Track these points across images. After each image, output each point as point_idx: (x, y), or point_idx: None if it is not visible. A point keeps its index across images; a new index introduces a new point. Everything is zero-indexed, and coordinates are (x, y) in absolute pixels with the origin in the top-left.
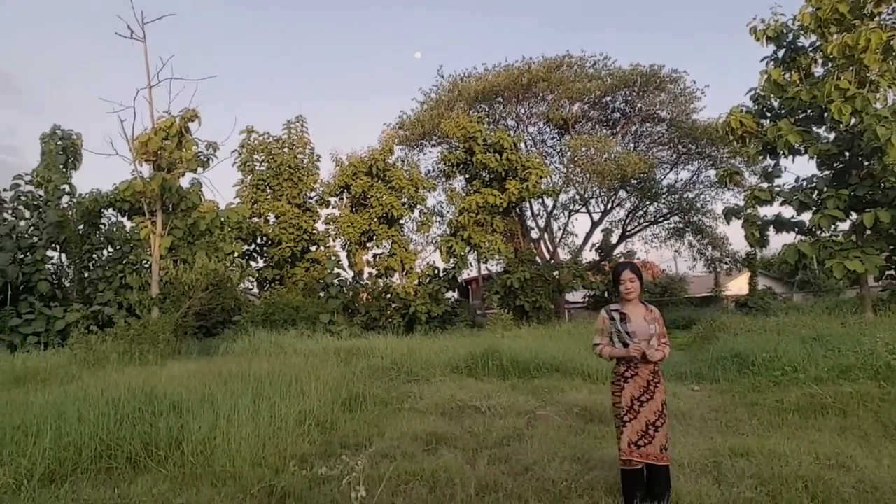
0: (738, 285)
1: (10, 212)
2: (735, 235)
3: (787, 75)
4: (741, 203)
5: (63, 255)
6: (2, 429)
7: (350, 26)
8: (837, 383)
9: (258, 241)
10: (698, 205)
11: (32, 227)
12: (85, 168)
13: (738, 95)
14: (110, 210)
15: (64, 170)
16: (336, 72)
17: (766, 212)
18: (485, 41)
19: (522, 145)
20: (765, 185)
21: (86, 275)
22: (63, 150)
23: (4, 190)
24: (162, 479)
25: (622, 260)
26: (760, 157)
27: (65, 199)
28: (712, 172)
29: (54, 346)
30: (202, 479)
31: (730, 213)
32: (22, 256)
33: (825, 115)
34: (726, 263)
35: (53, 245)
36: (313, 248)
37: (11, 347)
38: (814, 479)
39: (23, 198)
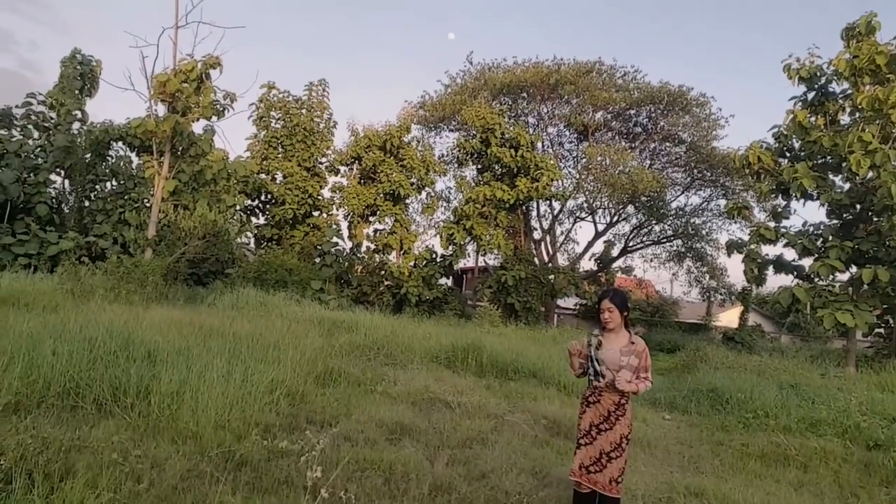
0: (728, 317)
1: (19, 129)
2: (734, 268)
3: (813, 118)
4: (745, 238)
5: (66, 182)
6: None
7: None
8: (805, 436)
9: (262, 198)
10: (703, 232)
11: (39, 149)
12: (99, 97)
13: (760, 130)
14: (119, 143)
15: (79, 95)
16: (367, 41)
17: (769, 251)
18: (519, 34)
19: (539, 144)
20: (772, 224)
21: (86, 204)
22: (80, 76)
23: (16, 107)
24: (124, 427)
25: (608, 287)
26: (772, 196)
27: (76, 125)
28: (722, 202)
29: (43, 271)
30: (164, 433)
31: (732, 246)
32: (26, 176)
33: (843, 164)
34: (721, 294)
35: (58, 169)
36: (315, 214)
37: (1, 265)
38: None
39: (33, 117)
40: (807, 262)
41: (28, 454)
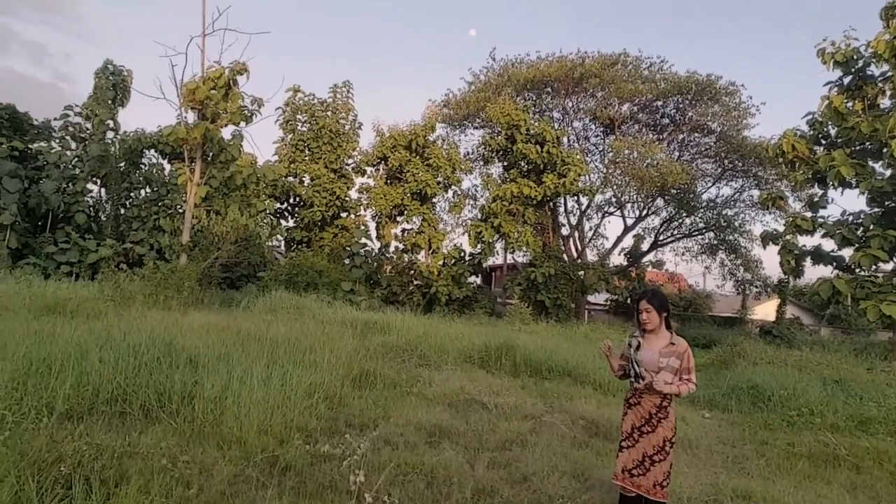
0: (764, 310)
1: (57, 141)
2: (769, 260)
3: (850, 104)
4: (781, 228)
5: (102, 190)
6: (29, 359)
7: None
8: (854, 435)
9: (291, 200)
10: (736, 224)
11: (76, 159)
12: (131, 106)
13: (794, 118)
14: (152, 151)
15: (112, 105)
16: (389, 42)
17: (806, 241)
18: (542, 28)
19: (565, 139)
20: (808, 214)
21: (122, 212)
22: (113, 87)
23: (54, 119)
24: (171, 433)
25: (646, 287)
26: (808, 185)
27: (109, 134)
28: (755, 193)
29: (84, 279)
30: (209, 438)
31: (767, 238)
32: (64, 186)
33: (884, 150)
34: (756, 287)
35: (94, 178)
36: (343, 215)
37: (45, 274)
38: None
39: (70, 129)
40: (847, 253)
41: (84, 461)
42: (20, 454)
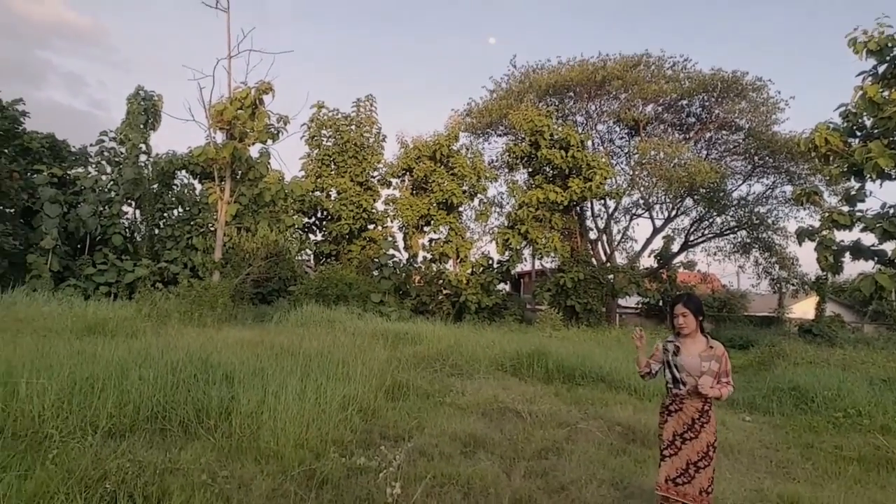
0: (802, 308)
1: (94, 166)
2: (806, 257)
3: (886, 93)
4: (816, 224)
5: (137, 212)
6: (73, 379)
7: (427, 6)
8: None
9: (318, 215)
10: (769, 221)
11: (112, 182)
12: (162, 129)
13: (825, 111)
14: (183, 172)
15: (143, 129)
16: (409, 52)
17: (844, 237)
18: (561, 33)
19: (589, 143)
20: (845, 208)
21: (156, 232)
22: (144, 111)
23: (90, 145)
24: (210, 448)
25: (681, 291)
26: (844, 179)
27: (142, 157)
28: (788, 188)
29: (122, 298)
30: (247, 453)
31: (803, 234)
32: (101, 209)
33: None
34: (793, 285)
35: (129, 200)
36: (371, 227)
37: (85, 294)
38: None
39: (106, 153)
40: (889, 247)
41: (128, 477)
42: (68, 472)
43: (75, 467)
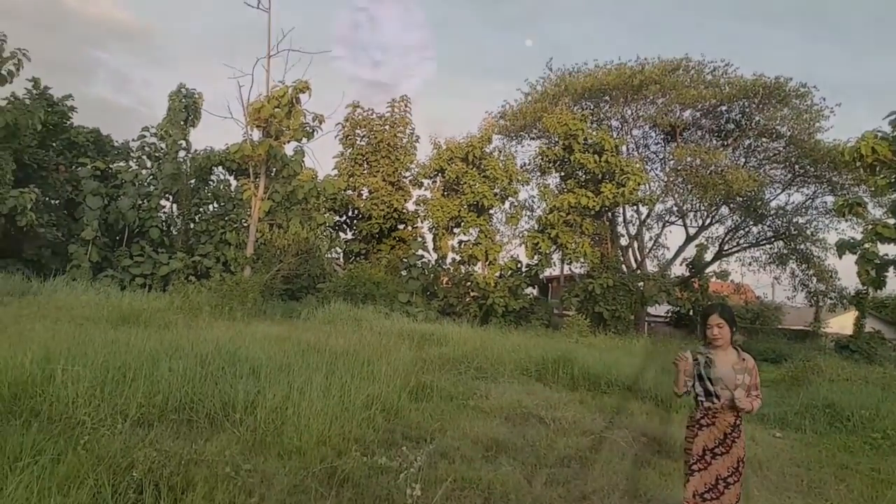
0: (840, 323)
1: (135, 160)
2: (846, 270)
3: None
4: (858, 237)
5: (174, 206)
6: (106, 367)
7: (463, 5)
8: None
9: (349, 213)
10: (808, 232)
11: (151, 177)
12: (201, 126)
13: (874, 119)
14: (219, 168)
15: (184, 126)
16: (444, 53)
17: (888, 250)
18: (599, 37)
19: (624, 148)
20: (891, 220)
21: (191, 226)
22: (185, 108)
23: (132, 140)
24: (235, 441)
25: (714, 300)
26: (890, 190)
27: (181, 153)
28: (829, 199)
29: (156, 290)
30: (270, 448)
31: (844, 247)
32: (140, 203)
33: None
34: (831, 299)
35: (167, 195)
36: (401, 227)
37: (122, 285)
38: None
39: (147, 148)
40: None
41: (154, 467)
42: (98, 458)
43: (105, 454)
